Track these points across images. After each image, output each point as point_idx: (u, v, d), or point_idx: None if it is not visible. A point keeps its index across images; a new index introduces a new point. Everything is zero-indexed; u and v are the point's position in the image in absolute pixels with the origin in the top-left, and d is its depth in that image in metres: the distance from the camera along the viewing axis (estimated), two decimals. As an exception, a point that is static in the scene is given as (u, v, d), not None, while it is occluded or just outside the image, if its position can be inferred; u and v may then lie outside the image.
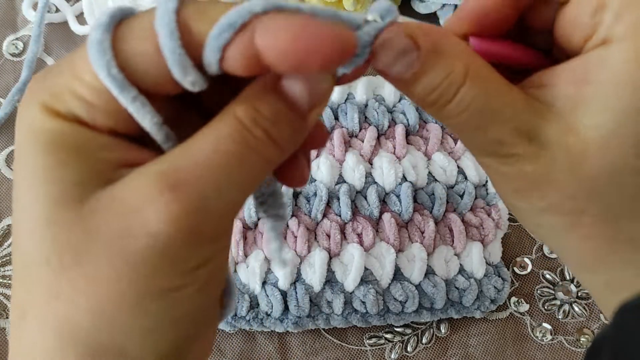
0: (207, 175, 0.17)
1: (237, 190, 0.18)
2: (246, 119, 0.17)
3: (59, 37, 0.48)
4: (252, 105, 0.18)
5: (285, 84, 0.18)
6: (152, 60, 0.17)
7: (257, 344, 0.38)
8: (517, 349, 0.38)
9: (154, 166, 0.17)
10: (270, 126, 0.18)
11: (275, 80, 0.18)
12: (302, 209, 0.39)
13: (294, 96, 0.18)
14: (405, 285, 0.38)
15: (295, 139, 0.19)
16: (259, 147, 0.17)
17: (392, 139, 0.41)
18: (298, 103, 0.18)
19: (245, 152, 0.17)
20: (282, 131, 0.18)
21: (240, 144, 0.17)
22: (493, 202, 0.41)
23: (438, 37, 0.20)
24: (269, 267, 0.38)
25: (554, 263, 0.41)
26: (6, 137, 0.44)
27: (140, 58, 0.18)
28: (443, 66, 0.19)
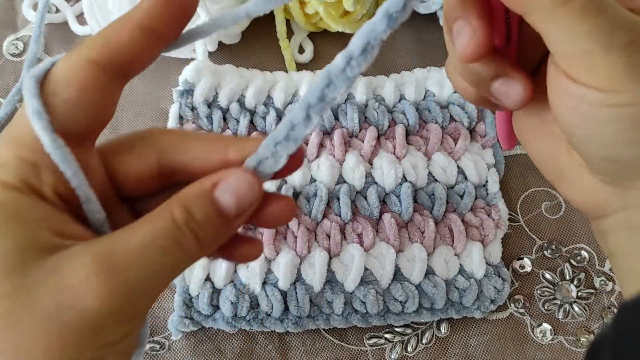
0: (139, 263, 0.20)
1: (160, 278, 0.20)
2: (180, 219, 0.21)
3: (59, 37, 0.48)
4: (186, 207, 0.21)
5: (217, 193, 0.22)
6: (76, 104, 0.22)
7: (257, 344, 0.38)
8: (517, 349, 0.38)
9: (93, 248, 0.20)
10: (199, 228, 0.21)
11: (210, 188, 0.22)
12: (302, 209, 0.39)
13: (223, 205, 0.21)
14: (405, 286, 0.38)
15: (218, 241, 0.22)
16: (186, 244, 0.21)
17: (392, 139, 0.41)
18: (226, 211, 0.21)
19: (173, 248, 0.20)
20: (208, 233, 0.21)
21: (171, 240, 0.20)
22: (493, 202, 0.41)
23: None
24: (269, 267, 0.38)
25: (554, 263, 0.41)
26: (6, 137, 0.44)
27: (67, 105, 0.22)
28: None
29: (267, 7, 0.23)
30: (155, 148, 0.25)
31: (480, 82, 0.26)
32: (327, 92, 0.21)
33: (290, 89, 0.43)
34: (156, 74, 0.47)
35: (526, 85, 0.25)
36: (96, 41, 0.23)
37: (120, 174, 0.24)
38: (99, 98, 0.22)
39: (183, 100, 0.42)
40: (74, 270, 0.19)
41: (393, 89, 0.43)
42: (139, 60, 0.23)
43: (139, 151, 0.25)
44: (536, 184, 0.43)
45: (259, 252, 0.26)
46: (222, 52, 0.47)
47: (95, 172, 0.23)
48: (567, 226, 0.42)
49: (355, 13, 0.47)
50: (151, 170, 0.25)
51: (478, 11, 0.24)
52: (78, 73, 0.22)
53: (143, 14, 0.22)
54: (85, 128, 0.23)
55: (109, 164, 0.24)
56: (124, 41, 0.23)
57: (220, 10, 0.44)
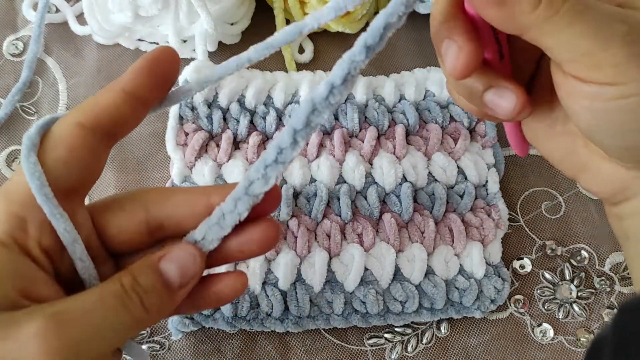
0: (86, 321, 0.22)
1: (107, 337, 0.22)
2: (127, 285, 0.23)
3: (59, 37, 0.48)
4: (134, 275, 0.24)
5: (162, 264, 0.24)
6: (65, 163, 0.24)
7: (257, 344, 0.38)
8: (517, 349, 0.38)
9: (47, 308, 0.22)
10: (144, 294, 0.23)
11: (157, 260, 0.24)
12: (302, 209, 0.39)
13: (168, 275, 0.24)
14: (405, 286, 0.38)
15: (162, 309, 0.24)
16: (132, 307, 0.23)
17: (392, 139, 0.41)
18: (170, 281, 0.24)
19: (120, 309, 0.23)
20: (153, 300, 0.23)
21: (118, 301, 0.23)
22: (493, 202, 0.41)
23: None
24: (269, 267, 0.38)
25: (554, 263, 0.41)
26: (6, 137, 0.44)
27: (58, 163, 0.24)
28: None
29: (266, 53, 0.26)
30: (142, 203, 0.27)
31: (474, 95, 0.27)
32: (312, 117, 0.23)
33: (290, 89, 0.43)
34: (156, 74, 0.47)
35: (519, 94, 0.26)
36: (85, 105, 0.25)
37: (111, 230, 0.27)
38: (86, 157, 0.25)
39: (183, 100, 0.42)
40: (28, 326, 0.21)
41: (393, 89, 0.43)
42: (124, 123, 0.26)
43: (128, 208, 0.27)
44: (536, 184, 0.43)
45: (242, 284, 0.28)
46: (222, 52, 0.47)
47: (83, 226, 0.26)
48: (567, 226, 0.42)
49: (355, 13, 0.47)
50: (139, 226, 0.27)
51: (462, 30, 0.25)
52: (67, 134, 0.25)
53: (127, 81, 0.25)
54: (75, 185, 0.25)
55: (99, 222, 0.27)
56: (110, 106, 0.25)
57: (221, 9, 0.44)
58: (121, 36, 0.46)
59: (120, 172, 0.43)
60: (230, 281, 0.27)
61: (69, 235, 0.24)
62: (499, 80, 0.26)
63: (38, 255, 0.24)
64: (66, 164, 0.24)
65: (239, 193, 0.25)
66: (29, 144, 0.24)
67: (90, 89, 0.46)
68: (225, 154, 0.40)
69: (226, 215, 0.25)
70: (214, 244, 0.26)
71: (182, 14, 0.43)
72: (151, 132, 0.44)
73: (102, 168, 0.27)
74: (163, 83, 0.26)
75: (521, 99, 0.26)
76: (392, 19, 0.21)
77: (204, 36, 0.43)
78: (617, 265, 0.41)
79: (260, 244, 0.27)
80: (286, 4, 0.47)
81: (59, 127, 0.25)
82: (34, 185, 0.23)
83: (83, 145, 0.25)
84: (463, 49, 0.24)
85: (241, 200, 0.25)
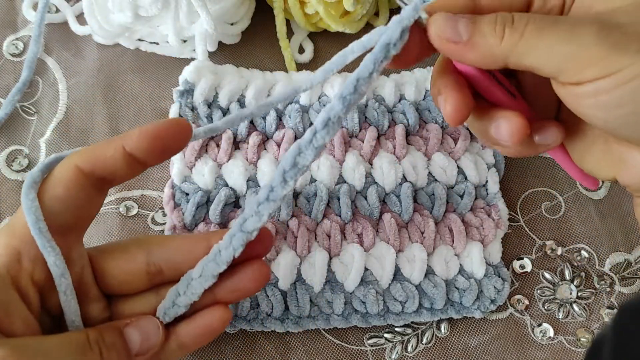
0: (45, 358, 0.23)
1: None
2: (92, 338, 0.26)
3: (59, 37, 0.48)
4: (100, 332, 0.26)
5: (127, 329, 0.27)
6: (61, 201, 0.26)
7: (257, 344, 0.38)
8: (517, 349, 0.38)
9: (15, 341, 0.24)
10: (105, 349, 0.26)
11: (124, 324, 0.27)
12: (302, 209, 0.39)
13: (130, 339, 0.27)
14: (405, 286, 0.38)
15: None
16: (91, 357, 0.25)
17: (392, 139, 0.41)
18: (131, 345, 0.27)
19: (79, 356, 0.25)
20: (112, 357, 0.26)
21: (79, 348, 0.25)
22: (493, 202, 0.41)
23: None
24: (269, 267, 0.38)
25: (554, 263, 0.41)
26: (6, 137, 0.44)
27: (54, 201, 0.26)
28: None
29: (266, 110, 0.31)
30: (145, 247, 0.29)
31: (485, 135, 0.29)
32: (298, 159, 0.25)
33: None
34: (156, 74, 0.47)
35: (511, 120, 0.27)
36: (86, 151, 0.27)
37: (111, 270, 0.29)
38: (81, 197, 0.27)
39: (183, 100, 0.42)
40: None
41: (393, 89, 0.43)
42: (120, 175, 0.28)
43: (130, 250, 0.29)
44: (536, 184, 0.43)
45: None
46: (222, 52, 0.47)
47: (76, 262, 0.28)
48: (567, 226, 0.42)
49: (355, 13, 0.47)
50: (139, 268, 0.29)
51: (453, 85, 0.27)
52: (66, 175, 0.27)
53: (130, 141, 0.27)
54: (70, 222, 0.27)
55: (100, 262, 0.29)
56: (108, 159, 0.27)
57: (221, 9, 0.44)
58: (121, 36, 0.46)
59: (120, 172, 0.43)
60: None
61: (57, 268, 0.26)
62: (498, 114, 0.28)
63: (28, 288, 0.26)
64: (62, 202, 0.26)
65: (234, 230, 0.27)
66: (30, 181, 0.26)
67: (90, 89, 0.46)
68: (225, 154, 0.40)
69: (222, 252, 0.27)
70: (210, 281, 0.27)
71: (182, 14, 0.43)
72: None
73: (98, 209, 0.29)
74: (166, 152, 0.28)
75: (515, 124, 0.27)
76: (363, 74, 0.25)
77: (204, 36, 0.43)
78: (617, 265, 0.41)
79: (252, 282, 0.29)
80: (286, 4, 0.47)
81: (59, 167, 0.27)
82: (29, 220, 0.25)
83: (79, 186, 0.27)
84: (453, 103, 0.27)
85: (236, 237, 0.27)
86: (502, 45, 0.25)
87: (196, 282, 0.28)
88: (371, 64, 0.25)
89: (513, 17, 0.25)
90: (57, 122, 0.45)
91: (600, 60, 0.23)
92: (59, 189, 0.26)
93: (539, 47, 0.24)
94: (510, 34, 0.24)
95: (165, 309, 0.29)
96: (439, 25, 0.25)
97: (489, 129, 0.28)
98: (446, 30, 0.25)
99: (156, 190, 0.42)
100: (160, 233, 0.41)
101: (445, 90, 0.27)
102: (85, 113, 0.45)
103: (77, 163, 0.27)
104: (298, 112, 0.41)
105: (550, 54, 0.24)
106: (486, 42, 0.25)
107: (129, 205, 0.42)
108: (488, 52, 0.25)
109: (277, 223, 0.39)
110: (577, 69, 0.24)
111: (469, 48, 0.25)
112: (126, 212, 0.41)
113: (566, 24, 0.24)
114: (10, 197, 0.42)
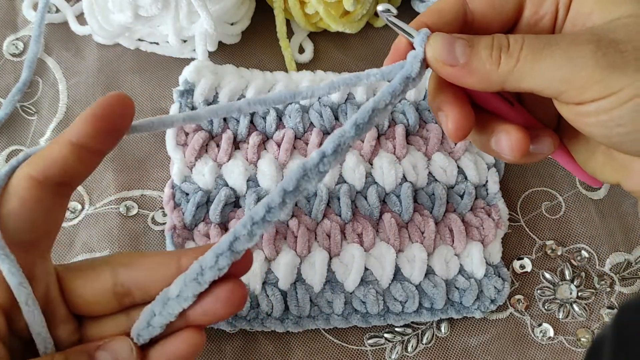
0: None
1: None
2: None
3: (59, 37, 0.48)
4: (67, 356, 0.25)
5: (97, 353, 0.25)
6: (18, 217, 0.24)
7: (257, 344, 0.38)
8: (517, 349, 0.38)
9: None
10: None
11: (94, 348, 0.26)
12: (303, 209, 0.39)
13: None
14: (405, 285, 0.38)
15: None
16: None
17: (392, 139, 0.41)
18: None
19: None
20: None
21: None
22: (493, 202, 0.41)
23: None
24: (269, 267, 0.38)
25: (554, 263, 0.41)
26: (6, 137, 0.44)
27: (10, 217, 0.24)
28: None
29: (257, 108, 0.28)
30: (110, 267, 0.27)
31: (485, 147, 0.29)
32: (302, 182, 0.24)
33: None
34: (156, 74, 0.47)
35: (512, 134, 0.27)
36: (36, 157, 0.25)
37: (77, 290, 0.27)
38: (39, 210, 0.25)
39: (183, 100, 0.42)
40: None
41: (393, 89, 0.43)
42: (75, 173, 0.26)
43: (96, 269, 0.27)
44: (536, 184, 0.43)
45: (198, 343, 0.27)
46: (222, 52, 0.47)
47: (40, 280, 0.26)
48: (567, 226, 0.42)
49: (355, 13, 0.47)
50: (106, 289, 0.27)
51: (452, 100, 0.27)
52: (18, 188, 0.25)
53: (74, 132, 0.25)
54: (31, 237, 0.25)
55: (67, 281, 0.27)
56: (57, 159, 0.25)
57: (221, 9, 0.44)
58: (121, 36, 0.46)
59: (120, 172, 0.43)
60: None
61: (13, 277, 0.24)
62: (497, 127, 0.28)
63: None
64: (19, 217, 0.25)
65: (222, 248, 0.24)
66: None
67: (90, 89, 0.46)
68: (225, 154, 0.40)
69: (205, 271, 0.25)
70: (189, 301, 0.25)
71: (182, 14, 0.43)
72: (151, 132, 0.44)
73: (61, 219, 0.27)
74: (112, 131, 0.26)
75: (515, 139, 0.27)
76: (380, 105, 0.25)
77: (204, 36, 0.43)
78: (617, 265, 0.41)
79: (228, 304, 0.25)
80: (286, 4, 0.47)
81: (13, 179, 0.25)
82: None
83: (34, 198, 0.25)
84: (453, 120, 0.27)
85: (223, 256, 0.24)
86: (499, 72, 0.25)
87: (173, 301, 0.25)
88: (389, 96, 0.25)
89: (508, 42, 0.25)
90: (57, 122, 0.45)
91: (598, 81, 0.23)
92: (13, 203, 0.24)
93: (535, 72, 0.24)
94: (506, 60, 0.24)
95: (139, 330, 0.26)
96: (436, 48, 0.25)
97: (489, 142, 0.28)
98: (443, 53, 0.25)
99: (156, 190, 0.42)
100: (160, 233, 0.41)
101: (446, 107, 0.27)
102: (85, 113, 0.45)
103: (30, 172, 0.25)
104: (298, 112, 0.41)
105: (547, 79, 0.24)
106: (483, 68, 0.25)
107: (129, 205, 0.42)
108: (485, 77, 0.25)
109: (277, 223, 0.39)
110: (576, 91, 0.24)
111: (467, 72, 0.25)
112: (126, 212, 0.41)
113: (561, 45, 0.24)
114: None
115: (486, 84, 0.25)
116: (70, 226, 0.41)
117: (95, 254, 0.40)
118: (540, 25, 0.28)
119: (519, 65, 0.24)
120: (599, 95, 0.23)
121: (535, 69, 0.24)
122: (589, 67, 0.23)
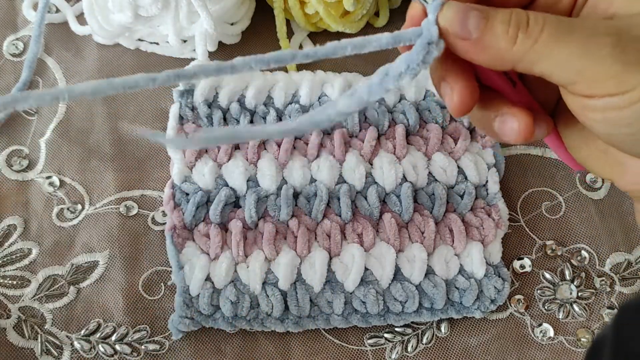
0: None
1: None
2: None
3: (59, 37, 0.48)
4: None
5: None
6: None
7: (257, 344, 0.38)
8: (517, 349, 0.38)
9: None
10: None
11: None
12: (302, 209, 0.39)
13: None
14: (405, 285, 0.38)
15: None
16: None
17: (392, 139, 0.41)
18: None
19: None
20: None
21: None
22: (493, 202, 0.41)
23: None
24: (269, 267, 0.38)
25: (554, 263, 0.41)
26: (6, 137, 0.44)
27: None
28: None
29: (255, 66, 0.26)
30: None
31: (486, 125, 0.28)
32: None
33: (290, 89, 0.43)
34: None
35: (520, 118, 0.26)
36: None
37: None
38: None
39: (183, 100, 0.42)
40: None
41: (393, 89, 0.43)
42: None
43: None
44: (536, 184, 0.43)
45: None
46: (222, 52, 0.47)
47: None
48: (567, 226, 0.42)
49: (355, 13, 0.47)
50: None
51: (456, 71, 0.26)
52: None
53: None
54: None
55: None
56: None
57: (221, 9, 0.44)
58: (121, 36, 0.46)
59: (120, 172, 0.43)
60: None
61: None
62: (503, 108, 0.27)
63: None
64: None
65: None
66: None
67: (91, 89, 0.46)
68: (225, 154, 0.40)
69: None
70: None
71: (182, 14, 0.43)
72: (151, 132, 0.44)
73: None
74: None
75: (523, 123, 0.26)
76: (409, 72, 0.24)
77: (204, 36, 0.43)
78: (618, 265, 0.41)
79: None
80: (286, 4, 0.47)
81: None
82: None
83: None
84: (457, 92, 0.25)
85: None
86: (513, 50, 0.23)
87: None
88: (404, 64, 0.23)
89: (528, 20, 0.23)
90: (57, 122, 0.45)
91: (613, 77, 0.22)
92: None
93: (551, 57, 0.23)
94: (523, 39, 0.23)
95: None
96: (448, 18, 0.24)
97: (492, 121, 0.27)
98: (454, 25, 0.24)
99: (156, 190, 0.42)
100: (160, 233, 0.41)
101: (450, 78, 0.26)
102: (85, 113, 0.45)
103: None
104: (298, 112, 0.41)
105: (562, 66, 0.23)
106: (497, 44, 0.23)
107: (129, 205, 0.42)
108: (498, 55, 0.24)
109: (277, 223, 0.39)
110: (588, 84, 0.23)
111: (479, 49, 0.24)
112: (126, 212, 0.41)
113: (581, 33, 0.23)
114: (10, 197, 0.42)
115: (497, 62, 0.24)
116: (70, 226, 0.41)
117: (95, 254, 0.40)
118: (559, 4, 0.27)
119: (536, 47, 0.23)
120: (611, 91, 0.23)
121: (554, 54, 0.23)
122: (606, 61, 0.22)
